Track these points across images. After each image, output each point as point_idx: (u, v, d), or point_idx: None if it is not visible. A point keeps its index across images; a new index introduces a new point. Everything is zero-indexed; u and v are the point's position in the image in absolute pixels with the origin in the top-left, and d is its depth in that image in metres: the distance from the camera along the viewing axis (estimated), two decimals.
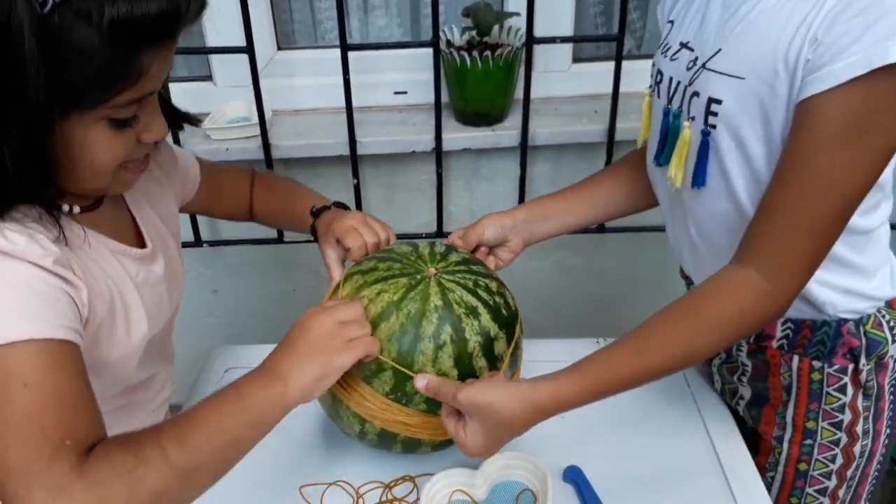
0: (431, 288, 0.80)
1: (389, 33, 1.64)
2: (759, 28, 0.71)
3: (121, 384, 0.77)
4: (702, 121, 0.77)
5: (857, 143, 0.66)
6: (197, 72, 1.61)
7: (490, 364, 0.80)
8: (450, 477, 0.85)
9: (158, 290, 0.82)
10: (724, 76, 0.74)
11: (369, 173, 1.58)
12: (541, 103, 1.54)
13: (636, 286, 1.77)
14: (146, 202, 0.86)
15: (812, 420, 0.91)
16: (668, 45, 0.86)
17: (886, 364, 0.88)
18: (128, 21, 0.58)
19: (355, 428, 0.84)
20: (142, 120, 0.68)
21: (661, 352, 0.74)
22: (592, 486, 0.87)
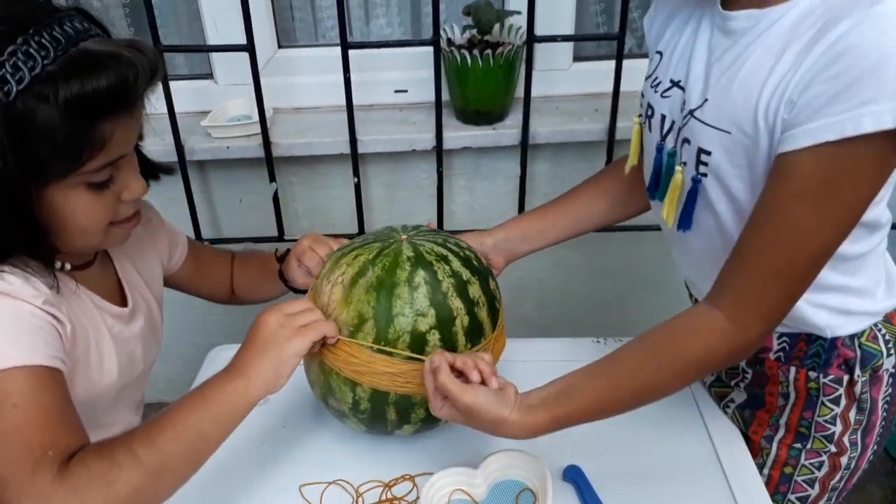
0: (403, 245, 0.86)
1: (390, 31, 1.63)
2: (742, 84, 0.71)
3: (87, 423, 0.78)
4: (692, 167, 0.78)
5: (827, 200, 0.67)
6: (198, 70, 1.61)
7: (467, 306, 0.83)
8: (449, 476, 0.85)
9: (132, 346, 0.88)
10: (711, 128, 0.74)
11: (370, 172, 1.58)
12: (541, 102, 1.54)
13: (636, 285, 1.77)
14: (131, 264, 0.92)
15: (805, 427, 0.92)
16: (657, 79, 0.85)
17: (881, 377, 0.88)
18: (80, 97, 0.64)
19: (348, 398, 0.86)
20: (118, 180, 0.74)
21: (629, 386, 0.77)
22: (592, 486, 0.87)
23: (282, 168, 1.56)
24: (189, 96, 1.54)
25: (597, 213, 1.04)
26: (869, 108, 0.60)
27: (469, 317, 0.84)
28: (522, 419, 0.77)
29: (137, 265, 0.93)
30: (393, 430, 0.90)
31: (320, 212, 1.65)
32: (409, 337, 0.81)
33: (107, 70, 0.65)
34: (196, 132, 1.49)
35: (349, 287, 0.83)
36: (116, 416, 0.89)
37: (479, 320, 0.85)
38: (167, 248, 1.01)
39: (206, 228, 1.61)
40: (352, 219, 1.57)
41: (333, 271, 0.86)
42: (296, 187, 1.61)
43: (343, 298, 0.83)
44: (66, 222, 0.72)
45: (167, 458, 0.71)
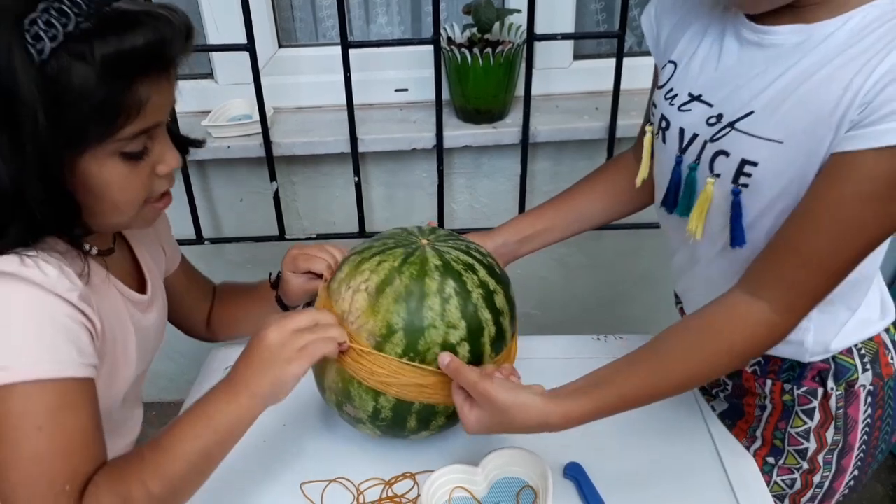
0: (428, 252, 0.83)
1: (390, 31, 1.64)
2: (798, 93, 0.70)
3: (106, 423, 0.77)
4: (730, 180, 0.77)
5: (891, 198, 0.67)
6: (198, 70, 1.61)
7: (494, 316, 0.82)
8: (450, 474, 0.85)
9: (149, 335, 0.86)
10: (759, 139, 0.74)
11: (370, 171, 1.58)
12: (542, 100, 1.54)
13: (637, 283, 1.77)
14: (146, 250, 0.90)
15: (779, 439, 0.93)
16: (672, 91, 0.84)
17: (857, 394, 0.88)
18: (118, 55, 0.61)
19: (368, 407, 0.84)
20: (153, 152, 0.71)
21: (672, 376, 0.77)
22: (593, 483, 0.87)
23: (282, 167, 1.56)
24: (190, 96, 1.54)
25: (596, 211, 1.04)
26: None
27: (496, 327, 0.82)
28: (558, 406, 0.75)
29: (151, 251, 0.91)
30: (409, 436, 0.89)
31: (321, 211, 1.65)
32: (439, 349, 0.79)
33: (143, 27, 0.62)
34: (197, 132, 1.49)
35: (375, 295, 0.80)
36: (126, 412, 0.88)
37: (503, 329, 0.84)
38: (169, 243, 0.99)
39: (207, 228, 1.62)
40: (352, 218, 1.57)
41: (354, 277, 0.83)
42: (297, 186, 1.61)
43: (369, 307, 0.80)
44: (101, 196, 0.69)
45: (177, 486, 0.72)
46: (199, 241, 1.59)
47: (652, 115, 0.88)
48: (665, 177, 0.86)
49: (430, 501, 0.83)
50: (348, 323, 0.82)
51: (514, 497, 0.85)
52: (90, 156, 0.66)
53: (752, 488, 0.88)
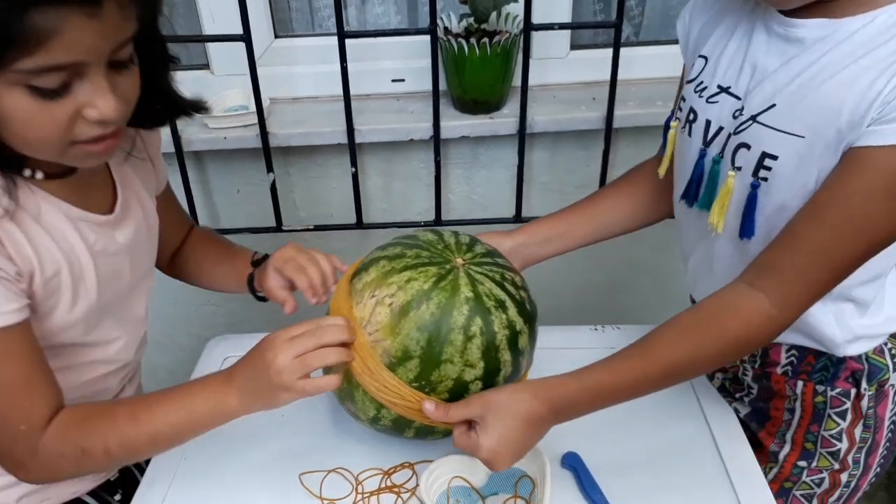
0: (461, 279, 0.80)
1: (386, 21, 1.63)
2: (821, 88, 0.71)
3: (68, 349, 0.80)
4: (750, 173, 0.77)
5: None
6: (194, 60, 1.60)
7: (514, 358, 0.81)
8: (449, 464, 0.86)
9: (118, 259, 0.81)
10: (780, 133, 0.74)
11: (367, 161, 1.58)
12: (539, 90, 1.54)
13: (637, 273, 1.77)
14: (130, 169, 0.85)
15: (811, 442, 0.92)
16: (702, 84, 0.84)
17: (887, 393, 0.88)
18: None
19: (369, 413, 0.84)
20: (78, 93, 0.62)
21: (662, 363, 0.76)
22: (591, 472, 0.88)
23: (279, 158, 1.55)
24: (185, 87, 1.51)
25: (620, 219, 1.02)
26: None
27: (513, 367, 0.82)
28: (548, 391, 0.76)
29: (135, 166, 0.86)
30: (406, 439, 0.89)
31: (318, 202, 1.65)
32: (452, 383, 0.79)
33: None
34: (193, 123, 1.48)
35: (399, 316, 0.78)
36: (104, 333, 0.84)
37: (520, 367, 0.83)
38: (158, 159, 0.93)
39: (204, 219, 1.61)
40: (349, 209, 1.57)
41: (381, 287, 0.80)
42: (293, 177, 1.61)
43: (390, 325, 0.79)
44: (6, 127, 0.62)
45: (136, 453, 0.79)
46: None
47: (679, 110, 0.88)
48: (687, 170, 0.86)
49: (429, 491, 0.83)
50: (366, 332, 0.80)
51: (512, 487, 0.86)
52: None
53: (748, 474, 0.88)
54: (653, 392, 0.78)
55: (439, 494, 0.85)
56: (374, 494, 0.87)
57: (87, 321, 0.79)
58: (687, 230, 0.93)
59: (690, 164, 0.85)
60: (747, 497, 0.85)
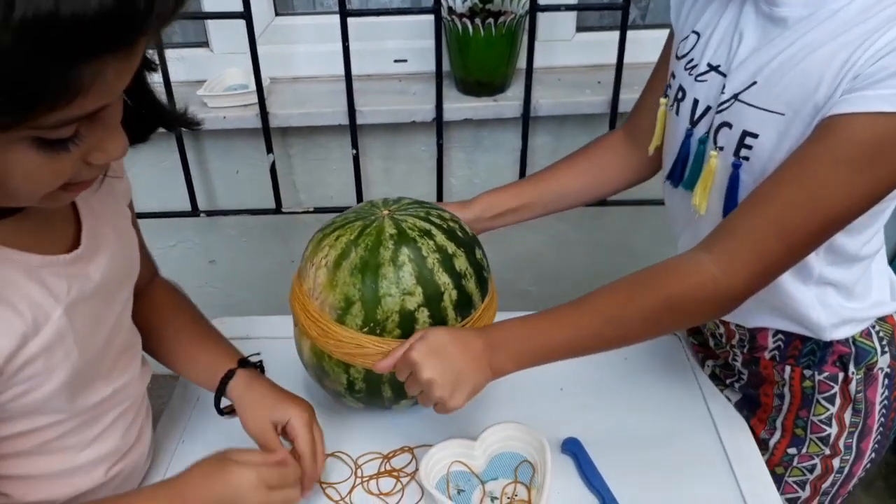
0: (385, 222, 0.84)
1: (389, 0, 1.60)
2: (800, 66, 0.70)
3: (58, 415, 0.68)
4: (732, 152, 0.77)
5: (863, 168, 0.66)
6: (193, 38, 1.58)
7: (454, 280, 0.82)
8: (448, 448, 0.85)
9: (93, 302, 0.69)
10: (761, 111, 0.73)
11: (368, 144, 1.56)
12: (543, 73, 1.52)
13: (635, 259, 1.76)
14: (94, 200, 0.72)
15: (801, 428, 0.92)
16: (692, 62, 0.83)
17: (876, 376, 0.87)
18: (51, 24, 0.41)
19: (342, 379, 0.85)
20: (89, 138, 0.53)
21: (593, 312, 0.76)
22: (591, 458, 0.87)
23: (279, 139, 1.53)
24: (184, 65, 1.51)
25: (576, 188, 1.02)
26: None
27: (457, 290, 0.82)
28: (485, 328, 0.77)
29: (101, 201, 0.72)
30: (390, 406, 0.90)
31: (318, 184, 1.63)
32: (397, 317, 0.80)
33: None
34: (192, 102, 1.46)
35: (333, 270, 0.82)
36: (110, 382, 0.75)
37: (468, 292, 0.84)
38: (123, 175, 0.78)
39: (203, 200, 1.60)
40: (350, 191, 1.55)
41: (316, 253, 0.84)
42: (293, 159, 1.59)
43: (328, 281, 0.82)
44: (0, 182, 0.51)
45: None
46: (195, 213, 1.57)
47: (669, 87, 0.87)
48: (674, 150, 0.85)
49: (429, 475, 0.82)
50: (313, 298, 0.83)
51: (512, 472, 0.85)
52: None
53: (749, 459, 0.88)
54: (591, 348, 0.77)
55: (439, 479, 0.84)
56: (374, 478, 0.86)
57: (68, 387, 0.67)
58: (674, 211, 0.93)
59: (677, 144, 0.85)
60: (747, 482, 0.85)
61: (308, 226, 1.68)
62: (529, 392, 0.96)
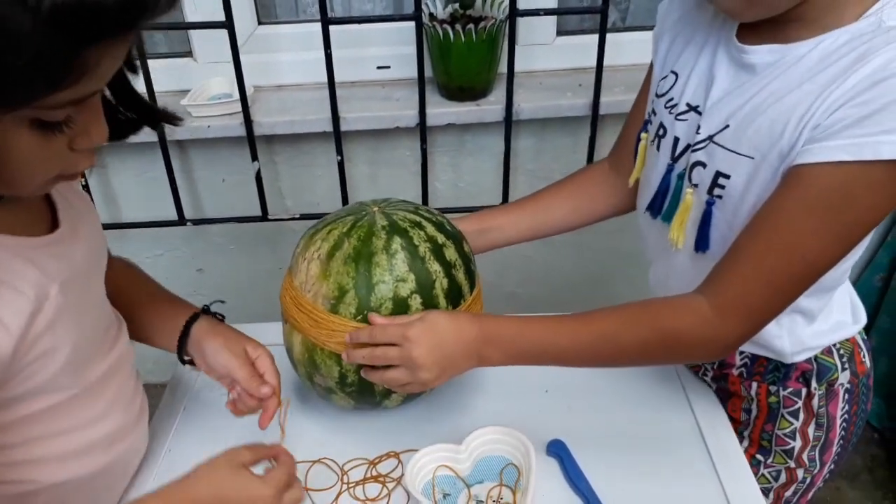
0: (377, 216, 0.86)
1: (371, 7, 1.61)
2: (768, 112, 0.73)
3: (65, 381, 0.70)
4: (706, 190, 0.79)
5: (833, 215, 0.68)
6: (177, 48, 1.58)
7: (445, 269, 0.84)
8: (434, 453, 0.86)
9: (81, 280, 0.72)
10: (733, 153, 0.76)
11: (353, 149, 1.57)
12: (525, 77, 1.53)
13: (623, 261, 1.78)
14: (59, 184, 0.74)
15: (766, 440, 0.94)
16: (672, 100, 0.85)
17: (837, 392, 0.90)
18: (77, 9, 0.46)
19: (334, 373, 0.86)
20: (77, 122, 0.57)
21: (591, 330, 0.78)
22: (576, 460, 0.88)
23: (264, 147, 1.54)
24: (168, 75, 1.51)
25: (558, 218, 1.05)
26: (890, 137, 0.63)
27: (448, 279, 0.84)
28: (483, 317, 0.80)
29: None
30: (381, 402, 0.90)
31: (304, 191, 1.64)
32: (391, 304, 0.82)
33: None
34: (176, 111, 1.45)
35: (326, 261, 0.83)
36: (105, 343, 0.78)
37: (458, 282, 0.86)
38: None
39: (189, 209, 1.60)
40: (336, 197, 1.56)
41: (308, 248, 0.86)
42: (279, 166, 1.60)
43: (321, 272, 0.83)
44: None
45: None
46: (182, 222, 1.57)
47: (649, 122, 0.90)
48: (654, 183, 0.88)
49: (415, 480, 0.83)
50: (305, 292, 0.85)
51: (497, 475, 0.86)
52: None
53: (733, 462, 0.89)
54: (581, 362, 0.80)
55: (425, 483, 0.85)
56: (360, 484, 0.87)
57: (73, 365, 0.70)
58: (649, 242, 0.96)
59: (657, 178, 0.87)
60: (732, 486, 0.86)
61: (295, 232, 1.68)
62: (514, 394, 0.97)
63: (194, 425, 0.97)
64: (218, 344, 0.86)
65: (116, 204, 1.63)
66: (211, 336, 0.87)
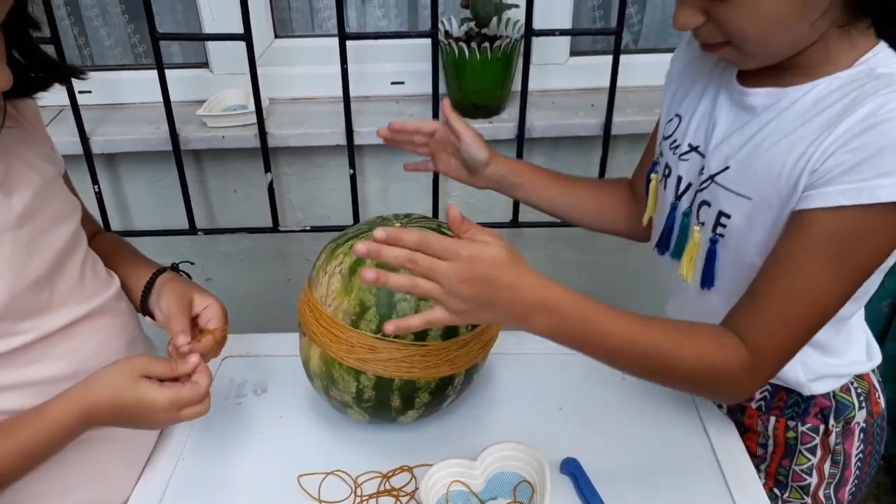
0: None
1: (386, 23, 1.63)
2: (766, 154, 0.75)
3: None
4: (710, 228, 0.82)
5: (840, 259, 0.70)
6: (193, 59, 1.60)
7: None
8: (448, 468, 0.86)
9: (23, 232, 0.74)
10: (733, 193, 0.78)
11: (366, 163, 1.58)
12: (538, 96, 1.55)
13: (630, 279, 1.78)
14: (21, 145, 0.78)
15: (783, 476, 0.95)
16: (676, 142, 0.88)
17: (853, 430, 0.92)
18: None
19: (352, 388, 0.86)
20: None
21: (650, 338, 0.74)
22: (589, 478, 0.88)
23: (277, 158, 1.55)
24: (184, 85, 1.52)
25: (582, 209, 1.07)
26: (887, 180, 0.65)
27: None
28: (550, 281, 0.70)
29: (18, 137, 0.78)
30: (397, 417, 0.90)
31: (315, 203, 1.65)
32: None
33: None
34: (191, 121, 1.48)
35: (348, 276, 0.84)
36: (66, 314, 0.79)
37: None
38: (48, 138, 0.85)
39: (201, 218, 1.61)
40: (347, 211, 1.57)
41: (330, 262, 0.86)
42: (291, 178, 1.61)
43: (343, 288, 0.84)
44: None
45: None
46: (193, 231, 1.58)
47: (657, 163, 0.93)
48: (661, 221, 0.91)
49: (428, 495, 0.83)
50: (325, 306, 0.85)
51: (511, 492, 0.86)
52: None
53: (747, 484, 0.89)
54: (625, 362, 0.75)
55: (438, 498, 0.84)
56: (373, 497, 0.87)
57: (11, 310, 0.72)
58: (662, 278, 0.98)
59: (664, 216, 0.90)
60: None
61: (304, 244, 1.69)
62: (529, 412, 0.98)
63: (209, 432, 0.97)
64: (169, 289, 0.88)
65: (128, 212, 1.63)
66: (168, 283, 0.90)
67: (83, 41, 1.60)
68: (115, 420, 0.75)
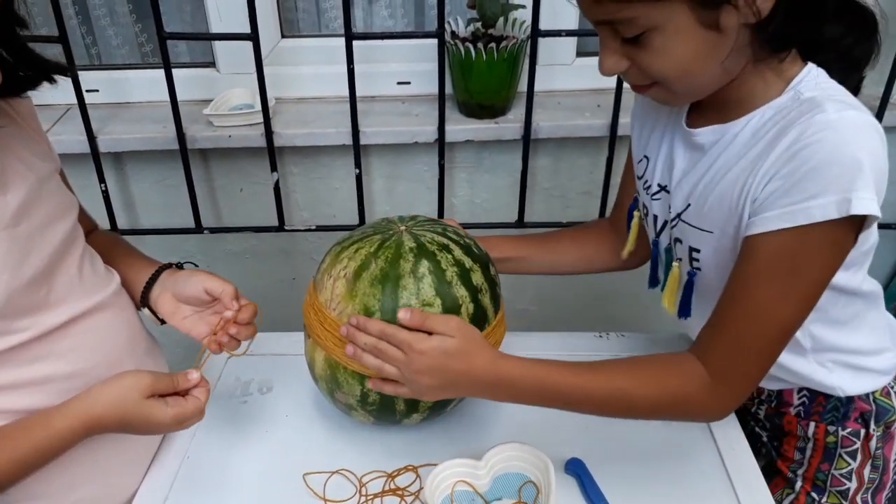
0: (404, 237, 0.86)
1: (393, 23, 1.63)
2: (717, 188, 0.78)
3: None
4: (687, 263, 0.86)
5: (790, 278, 0.73)
6: (200, 58, 1.60)
7: (471, 293, 0.85)
8: (453, 468, 0.86)
9: (20, 229, 0.74)
10: (697, 230, 0.82)
11: (372, 163, 1.58)
12: (544, 96, 1.54)
13: (634, 280, 1.77)
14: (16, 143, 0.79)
15: (821, 480, 0.95)
16: (647, 182, 0.92)
17: (893, 434, 0.92)
18: None
19: (356, 391, 0.86)
20: None
21: (604, 385, 0.79)
22: (594, 479, 0.88)
23: (283, 158, 1.55)
24: (191, 84, 1.53)
25: (568, 261, 1.12)
26: (817, 201, 0.68)
27: (474, 304, 0.84)
28: (502, 355, 0.80)
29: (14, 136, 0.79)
30: (401, 420, 0.90)
31: (321, 202, 1.65)
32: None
33: None
34: (198, 120, 1.48)
35: (353, 281, 0.83)
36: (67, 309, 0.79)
37: (483, 307, 0.86)
38: (44, 135, 0.86)
39: (207, 217, 1.61)
40: (353, 210, 1.57)
41: (335, 265, 0.86)
42: (297, 177, 1.61)
43: (347, 292, 0.83)
44: None
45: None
46: (199, 230, 1.58)
47: (636, 201, 0.97)
48: (650, 258, 0.95)
49: (433, 495, 0.83)
50: (330, 309, 0.85)
51: (516, 492, 0.86)
52: None
53: (752, 485, 0.89)
54: (589, 410, 0.81)
55: (443, 498, 0.85)
56: (378, 497, 0.87)
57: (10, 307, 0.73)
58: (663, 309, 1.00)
59: (651, 254, 0.94)
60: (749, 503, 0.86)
61: (310, 244, 1.69)
62: (533, 412, 0.97)
63: (215, 431, 0.97)
64: (186, 274, 0.90)
65: (135, 210, 1.64)
66: (179, 273, 0.91)
67: (91, 40, 1.61)
68: (117, 431, 0.76)
